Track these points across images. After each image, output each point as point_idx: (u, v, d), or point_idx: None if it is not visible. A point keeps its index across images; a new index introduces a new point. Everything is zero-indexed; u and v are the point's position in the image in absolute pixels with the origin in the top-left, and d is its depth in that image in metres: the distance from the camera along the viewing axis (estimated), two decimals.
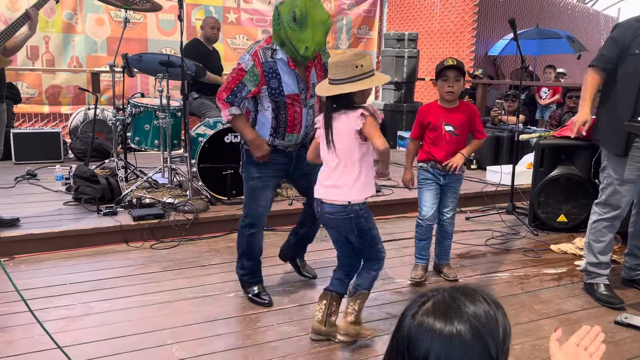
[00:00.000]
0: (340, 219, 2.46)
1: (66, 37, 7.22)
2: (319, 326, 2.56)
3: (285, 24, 2.55)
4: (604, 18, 12.12)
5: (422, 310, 1.00)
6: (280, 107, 2.76)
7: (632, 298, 3.15)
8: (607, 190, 3.04)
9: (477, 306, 0.98)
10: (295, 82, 2.75)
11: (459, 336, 0.94)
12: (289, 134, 2.82)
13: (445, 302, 0.99)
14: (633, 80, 2.88)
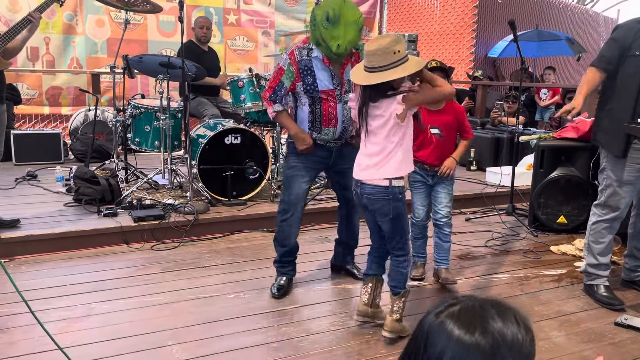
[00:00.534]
0: (379, 199, 2.49)
1: (66, 38, 7.23)
2: (366, 308, 2.68)
3: (320, 23, 2.72)
4: (603, 19, 12.13)
5: (447, 312, 0.97)
6: (315, 102, 2.93)
7: (632, 299, 3.16)
8: (606, 191, 3.05)
9: (505, 324, 0.94)
10: (329, 79, 2.89)
11: (477, 347, 0.91)
12: (326, 128, 2.96)
13: (474, 311, 0.96)
14: (633, 81, 2.88)
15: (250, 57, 8.31)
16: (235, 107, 4.89)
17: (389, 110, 2.40)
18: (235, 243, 3.98)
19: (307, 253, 3.75)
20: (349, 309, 2.94)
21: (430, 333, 0.96)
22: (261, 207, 4.42)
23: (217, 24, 7.96)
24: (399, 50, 2.33)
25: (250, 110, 4.80)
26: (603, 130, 3.05)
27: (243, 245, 3.92)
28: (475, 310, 0.96)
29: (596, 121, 3.14)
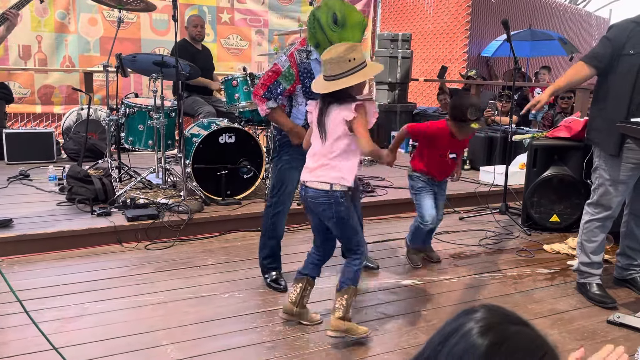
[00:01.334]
0: (321, 203, 2.52)
1: (59, 37, 7.19)
2: (292, 307, 2.69)
3: (326, 26, 2.72)
4: (595, 19, 12.20)
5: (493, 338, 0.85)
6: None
7: (624, 297, 3.18)
8: (599, 190, 3.07)
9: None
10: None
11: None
12: None
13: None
14: (627, 80, 2.90)
15: (243, 55, 8.29)
16: (229, 106, 4.88)
17: (339, 117, 2.44)
18: (230, 242, 3.97)
19: (300, 252, 3.74)
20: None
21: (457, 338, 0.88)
22: (255, 207, 4.41)
23: (210, 23, 7.95)
24: (354, 57, 2.39)
25: (245, 109, 4.80)
26: (597, 129, 3.07)
27: (237, 245, 3.91)
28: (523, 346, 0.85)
29: (590, 120, 3.16)
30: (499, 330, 0.85)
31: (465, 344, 0.86)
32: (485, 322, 0.87)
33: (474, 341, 0.85)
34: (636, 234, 3.22)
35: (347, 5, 2.80)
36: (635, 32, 2.88)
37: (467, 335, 0.87)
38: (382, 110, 7.87)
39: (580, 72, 3.02)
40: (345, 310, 2.54)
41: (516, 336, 0.85)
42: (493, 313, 0.89)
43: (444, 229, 4.37)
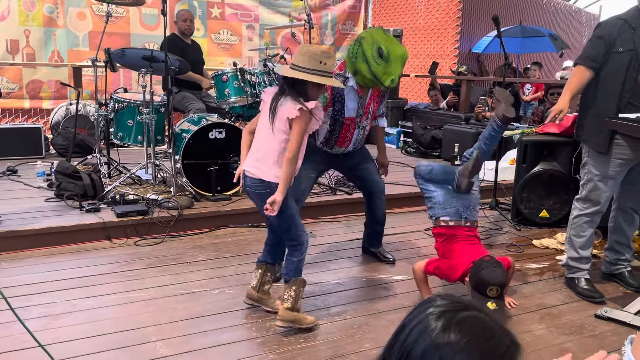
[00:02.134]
0: (257, 193, 2.59)
1: (47, 31, 7.11)
2: (253, 292, 2.79)
3: (371, 58, 2.91)
4: (585, 15, 12.26)
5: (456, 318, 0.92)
6: (336, 125, 3.13)
7: (612, 292, 3.21)
8: (588, 186, 3.09)
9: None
10: (355, 108, 3.13)
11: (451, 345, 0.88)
12: (338, 147, 3.23)
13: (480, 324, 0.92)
14: (616, 77, 2.91)
15: (234, 51, 8.25)
16: (219, 101, 4.86)
17: (286, 112, 2.48)
18: (220, 238, 3.96)
19: None
20: (334, 303, 2.95)
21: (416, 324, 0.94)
22: (246, 202, 4.40)
23: (200, 18, 7.89)
24: (326, 63, 2.49)
25: (235, 104, 4.77)
26: (586, 125, 3.09)
27: (227, 241, 3.90)
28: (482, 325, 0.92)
29: (579, 117, 3.18)
30: (452, 315, 0.92)
31: (421, 327, 0.93)
32: (441, 308, 0.93)
33: (429, 324, 0.91)
34: (624, 228, 3.24)
35: (391, 40, 3.00)
36: (624, 29, 2.89)
37: (423, 320, 0.93)
38: None
39: (584, 76, 3.00)
40: (294, 301, 2.59)
41: (468, 320, 0.91)
42: (449, 300, 0.95)
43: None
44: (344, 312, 2.85)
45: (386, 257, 3.60)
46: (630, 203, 3.20)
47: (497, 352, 0.91)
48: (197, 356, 2.38)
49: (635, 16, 2.91)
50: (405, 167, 6.18)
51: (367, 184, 3.45)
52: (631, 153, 2.93)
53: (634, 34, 2.86)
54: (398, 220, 4.58)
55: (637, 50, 2.84)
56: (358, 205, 4.74)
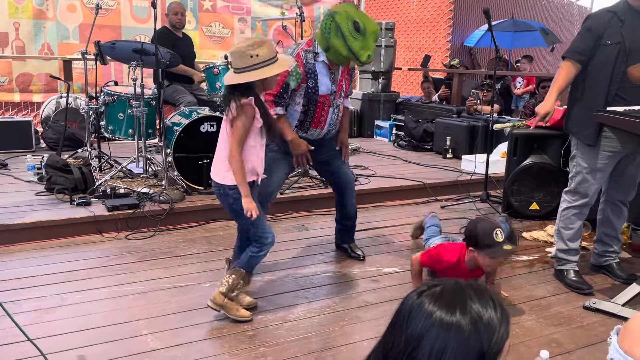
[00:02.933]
0: (218, 194, 2.65)
1: (37, 24, 7.05)
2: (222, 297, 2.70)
3: (347, 33, 2.80)
4: (577, 9, 12.28)
5: (429, 292, 1.02)
6: (310, 104, 3.02)
7: (600, 284, 3.24)
8: (576, 178, 3.11)
9: (483, 306, 0.99)
10: (329, 85, 3.03)
11: (458, 327, 0.96)
12: (313, 129, 3.10)
13: (454, 292, 1.01)
14: (604, 70, 2.93)
15: (226, 43, 8.21)
16: (210, 94, 4.84)
17: (231, 114, 2.49)
18: (211, 232, 3.96)
19: (283, 241, 3.75)
20: (325, 296, 2.96)
21: (412, 313, 1.00)
22: None
23: (192, 10, 7.84)
24: (257, 54, 2.43)
25: None
26: (574, 118, 3.11)
27: (219, 234, 3.90)
28: (456, 291, 1.00)
29: (568, 110, 3.19)
30: (430, 288, 1.04)
31: (405, 300, 1.05)
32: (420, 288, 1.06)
33: (410, 296, 1.05)
34: (612, 221, 3.27)
35: (364, 14, 2.93)
36: (613, 22, 2.90)
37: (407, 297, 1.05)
38: (365, 100, 7.88)
39: (571, 71, 3.01)
40: (228, 289, 2.62)
41: (442, 287, 1.03)
42: (424, 285, 1.08)
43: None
44: (335, 305, 2.86)
45: (356, 253, 3.52)
46: (619, 195, 3.22)
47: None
48: (188, 349, 2.39)
49: (624, 9, 2.92)
50: (398, 160, 6.20)
51: (339, 179, 3.37)
52: (619, 146, 2.96)
53: (622, 26, 2.88)
54: (390, 213, 4.60)
55: (625, 43, 2.85)
56: (356, 198, 4.75)
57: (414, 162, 6.06)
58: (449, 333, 0.96)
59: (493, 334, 0.98)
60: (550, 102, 3.07)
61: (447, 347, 0.95)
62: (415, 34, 9.81)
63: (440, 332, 0.96)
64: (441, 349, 0.96)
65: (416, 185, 5.08)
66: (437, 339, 0.96)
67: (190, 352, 2.36)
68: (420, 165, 5.91)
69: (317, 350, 2.42)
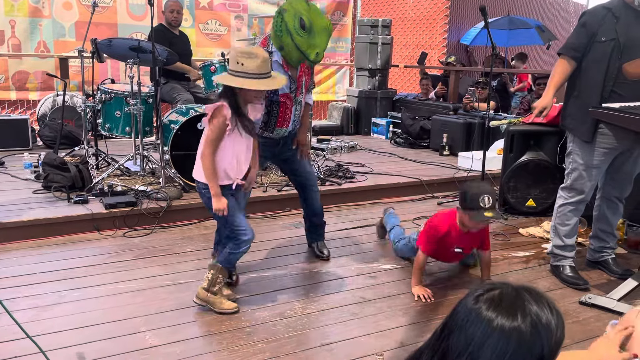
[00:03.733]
0: (198, 191, 2.75)
1: (33, 22, 7.02)
2: (205, 293, 2.74)
3: (293, 31, 2.74)
4: (573, 5, 12.30)
5: (487, 296, 1.02)
6: (272, 105, 2.99)
7: (596, 279, 3.26)
8: (572, 175, 3.13)
9: (540, 308, 1.01)
10: (288, 83, 2.95)
11: (518, 331, 0.98)
12: (279, 128, 3.08)
13: (513, 297, 1.01)
14: (599, 67, 2.94)
15: (222, 41, 8.19)
16: (207, 92, 4.84)
17: (208, 112, 2.56)
18: (209, 229, 3.95)
19: (280, 238, 3.76)
20: (322, 292, 2.97)
21: (470, 319, 1.01)
22: None
23: (188, 8, 7.83)
24: (243, 63, 2.47)
25: None
26: (571, 115, 3.12)
27: None
28: (515, 296, 1.01)
29: (564, 106, 3.21)
30: (487, 292, 1.04)
31: (462, 305, 1.05)
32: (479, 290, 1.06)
33: (467, 301, 1.04)
34: (608, 217, 3.29)
35: (313, 9, 2.80)
36: (607, 18, 2.92)
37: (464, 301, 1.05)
38: (362, 97, 7.88)
39: (566, 67, 3.04)
40: (209, 284, 2.68)
41: (500, 291, 1.03)
42: (480, 287, 1.08)
43: (422, 213, 4.42)
44: (332, 301, 2.88)
45: (322, 252, 3.46)
46: (615, 192, 3.24)
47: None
48: (187, 346, 2.40)
49: (619, 5, 2.93)
50: (395, 157, 6.21)
51: (300, 176, 3.34)
52: (615, 142, 2.97)
53: (617, 23, 2.89)
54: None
55: (620, 40, 2.87)
56: (347, 196, 4.77)
57: (411, 159, 6.07)
58: (510, 338, 0.97)
59: (552, 336, 1.00)
60: (548, 98, 3.09)
61: (508, 351, 0.97)
62: (412, 31, 9.82)
63: (502, 337, 0.98)
64: (502, 353, 0.98)
65: (413, 182, 5.09)
66: (499, 344, 0.97)
67: (188, 349, 2.37)
68: (417, 163, 5.92)
69: (314, 346, 2.43)
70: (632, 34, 2.87)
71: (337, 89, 9.40)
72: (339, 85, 9.40)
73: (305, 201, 3.43)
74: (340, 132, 7.71)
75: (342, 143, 6.50)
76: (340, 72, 9.43)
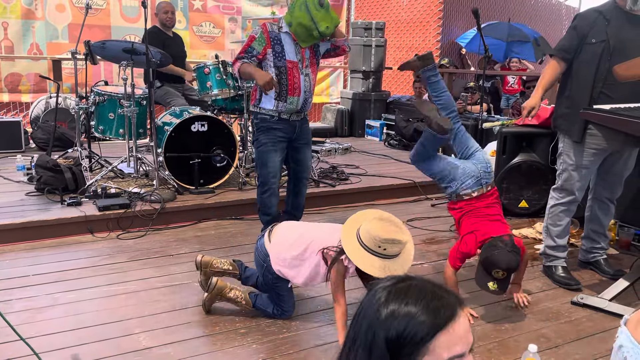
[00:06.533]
0: (259, 263, 2.69)
1: (25, 24, 7.00)
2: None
3: (312, 6, 3.14)
4: (565, 9, 12.38)
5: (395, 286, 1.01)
6: (282, 72, 3.26)
7: (588, 279, 3.28)
8: (563, 175, 3.16)
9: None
10: (294, 52, 3.28)
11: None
12: (291, 97, 3.29)
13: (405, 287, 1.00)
14: (589, 68, 2.98)
15: (216, 43, 8.20)
16: (201, 94, 4.85)
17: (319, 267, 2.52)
18: (203, 231, 3.96)
19: None
20: (316, 293, 2.98)
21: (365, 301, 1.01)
22: (229, 195, 4.41)
23: (182, 10, 7.83)
24: (385, 248, 2.37)
25: (217, 97, 4.77)
26: (562, 116, 3.15)
27: (211, 234, 3.91)
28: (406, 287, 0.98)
29: (556, 107, 3.24)
30: (391, 289, 0.99)
31: (366, 306, 1.00)
32: (382, 285, 1.01)
33: (372, 301, 0.99)
34: (600, 218, 3.32)
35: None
36: (598, 21, 2.96)
37: (367, 301, 1.00)
38: (356, 99, 7.90)
39: (557, 68, 3.10)
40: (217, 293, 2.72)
41: (405, 288, 0.98)
42: (390, 278, 1.04)
43: (416, 215, 4.43)
44: (326, 302, 2.88)
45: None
46: (606, 193, 3.27)
47: (434, 305, 0.94)
48: (181, 347, 2.40)
49: (610, 8, 2.97)
50: (388, 159, 6.23)
51: (301, 167, 3.56)
52: (604, 143, 3.00)
53: (608, 25, 2.93)
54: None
55: (610, 42, 2.90)
56: (342, 197, 4.79)
57: (405, 161, 6.08)
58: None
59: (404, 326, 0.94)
60: (536, 98, 3.14)
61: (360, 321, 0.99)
62: (406, 33, 9.85)
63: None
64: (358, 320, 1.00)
65: (407, 184, 5.12)
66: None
67: (182, 350, 2.37)
68: (411, 164, 5.93)
69: (308, 347, 2.44)
70: (622, 36, 2.91)
71: (331, 91, 9.42)
72: (332, 88, 9.42)
73: (295, 195, 3.62)
74: (334, 134, 7.73)
75: (336, 145, 6.52)
76: (334, 74, 9.46)
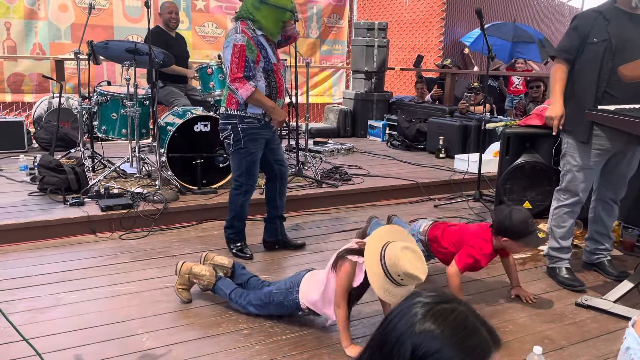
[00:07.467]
0: (286, 293, 2.64)
1: (28, 24, 7.01)
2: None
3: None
4: (568, 9, 12.36)
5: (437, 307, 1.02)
6: (270, 76, 3.21)
7: (592, 281, 3.27)
8: (567, 176, 3.14)
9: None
10: (273, 54, 3.26)
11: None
12: (279, 100, 3.27)
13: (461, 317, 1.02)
14: (592, 68, 2.97)
15: (219, 44, 8.20)
16: (204, 94, 4.85)
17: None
18: (206, 232, 3.96)
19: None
20: None
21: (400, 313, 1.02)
22: None
23: (185, 10, 7.84)
24: (402, 279, 2.29)
25: (220, 97, 4.76)
26: (566, 117, 3.14)
27: (214, 234, 3.90)
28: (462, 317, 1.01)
29: None
30: (433, 306, 1.01)
31: (402, 315, 1.01)
32: (424, 300, 1.03)
33: (410, 312, 1.01)
34: (604, 219, 3.31)
35: None
36: (599, 20, 2.96)
37: (405, 310, 1.02)
38: (358, 99, 7.90)
39: (562, 72, 3.07)
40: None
41: (447, 312, 1.01)
42: (433, 293, 1.05)
43: (419, 215, 4.42)
44: None
45: (297, 243, 3.69)
46: (609, 194, 3.26)
47: (471, 343, 0.98)
48: (184, 348, 2.39)
49: (610, 8, 2.97)
50: (391, 159, 6.22)
51: (282, 166, 3.50)
52: (608, 143, 2.99)
53: (608, 25, 2.92)
54: (383, 213, 4.60)
55: (612, 41, 2.90)
56: (345, 198, 4.78)
57: (407, 162, 6.08)
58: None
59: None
60: (559, 105, 3.07)
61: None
62: (408, 34, 9.84)
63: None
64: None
65: (409, 185, 5.11)
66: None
67: (185, 351, 2.37)
68: (414, 165, 5.94)
69: (312, 349, 2.43)
70: (624, 35, 2.90)
71: (334, 91, 9.42)
72: (335, 88, 9.42)
73: (281, 195, 3.55)
74: (337, 135, 7.72)
75: (338, 145, 6.51)
76: (337, 74, 9.46)
